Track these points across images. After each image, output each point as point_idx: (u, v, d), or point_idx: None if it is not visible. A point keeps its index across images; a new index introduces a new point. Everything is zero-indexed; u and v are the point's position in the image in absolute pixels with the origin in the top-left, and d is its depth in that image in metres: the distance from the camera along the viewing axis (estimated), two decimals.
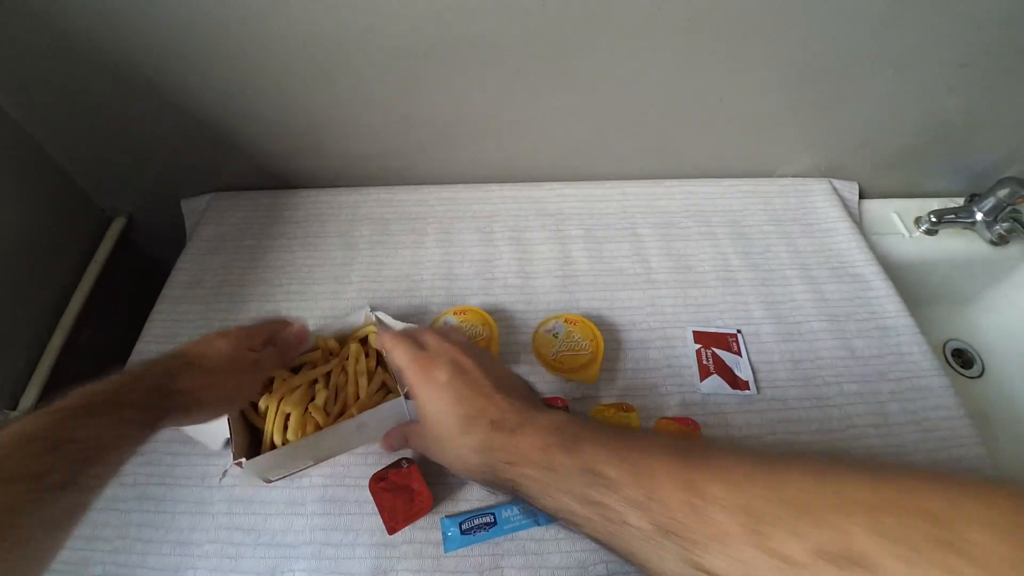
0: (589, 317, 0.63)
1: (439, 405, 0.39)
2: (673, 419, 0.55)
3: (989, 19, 0.61)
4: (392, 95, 0.67)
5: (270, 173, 0.79)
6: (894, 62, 0.65)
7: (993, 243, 0.82)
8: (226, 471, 0.48)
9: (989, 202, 0.80)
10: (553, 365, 0.58)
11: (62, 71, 0.62)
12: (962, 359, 0.89)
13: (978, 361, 0.89)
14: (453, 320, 0.62)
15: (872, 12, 0.59)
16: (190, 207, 0.81)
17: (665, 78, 0.66)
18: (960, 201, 0.86)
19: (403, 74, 0.64)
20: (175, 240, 0.79)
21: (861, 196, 0.84)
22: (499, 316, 0.64)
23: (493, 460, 0.36)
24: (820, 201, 0.80)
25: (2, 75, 0.62)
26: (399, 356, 0.43)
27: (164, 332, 0.66)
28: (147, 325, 0.67)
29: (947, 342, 0.91)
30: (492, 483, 0.36)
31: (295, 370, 0.55)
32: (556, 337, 0.61)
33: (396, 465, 0.52)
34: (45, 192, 0.72)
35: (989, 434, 0.79)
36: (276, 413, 0.50)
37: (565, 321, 0.62)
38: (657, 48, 0.62)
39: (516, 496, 0.35)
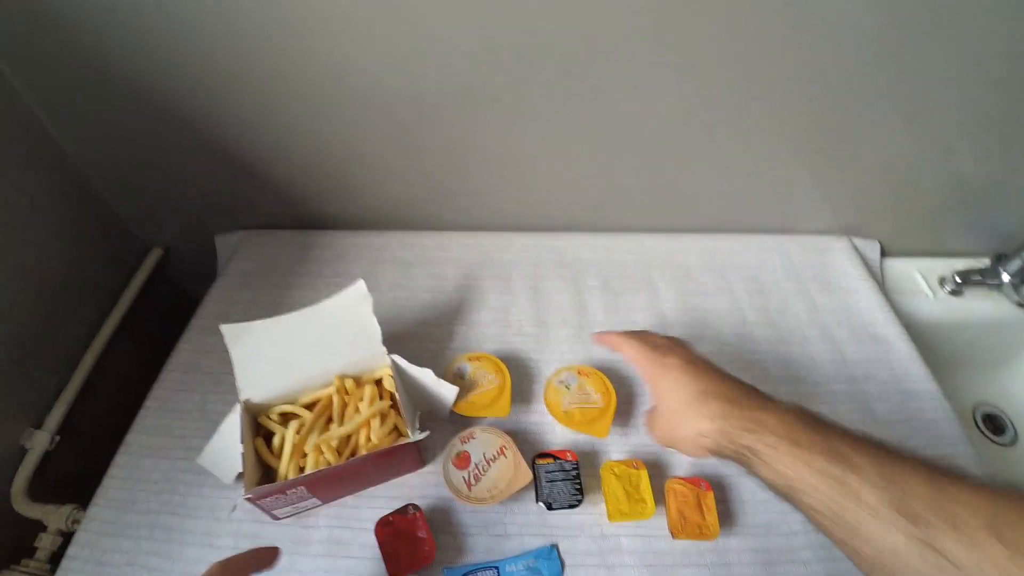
0: (602, 369, 0.63)
1: (676, 384, 0.46)
2: (685, 479, 0.55)
3: (1010, 80, 0.61)
4: (419, 147, 0.70)
5: (300, 214, 0.83)
6: (913, 124, 0.66)
7: (1021, 305, 0.80)
8: (236, 505, 0.49)
9: (1016, 263, 0.79)
10: (564, 417, 0.58)
11: (116, 113, 0.67)
12: (994, 425, 0.86)
13: (1010, 428, 0.86)
14: (468, 366, 0.63)
15: (889, 77, 0.60)
16: (223, 242, 0.85)
17: (685, 136, 0.68)
18: (986, 261, 0.85)
19: (432, 126, 0.67)
20: (207, 273, 0.83)
21: (883, 254, 0.84)
22: (513, 364, 0.65)
23: (730, 427, 0.41)
24: (840, 259, 0.79)
25: (61, 114, 0.67)
26: (631, 348, 0.50)
27: (189, 362, 0.68)
28: (173, 354, 0.69)
29: (977, 407, 0.88)
30: (721, 449, 0.42)
31: (310, 407, 0.56)
32: (568, 389, 0.61)
33: (403, 511, 0.52)
34: (89, 221, 0.77)
35: None
36: (291, 450, 0.52)
37: (578, 373, 0.63)
38: (677, 107, 0.64)
39: (742, 461, 0.40)
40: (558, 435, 0.60)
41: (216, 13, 0.55)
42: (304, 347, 0.57)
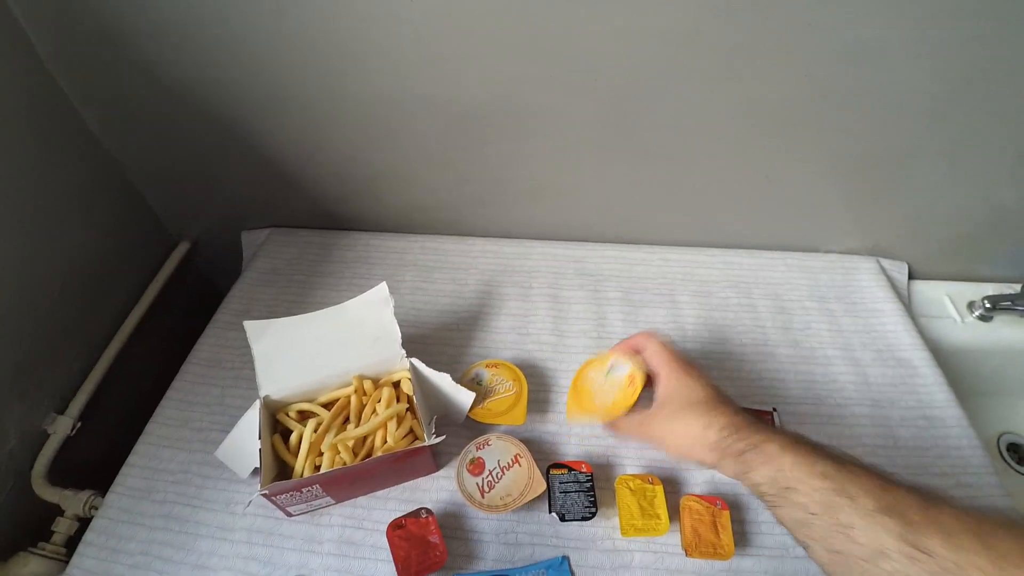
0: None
1: (696, 383, 0.47)
2: (700, 497, 0.54)
3: None
4: (449, 153, 0.71)
5: (326, 214, 0.84)
6: (946, 153, 0.65)
7: None
8: (251, 500, 0.49)
9: None
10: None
11: (157, 111, 0.68)
12: (1019, 455, 0.84)
13: None
14: (485, 373, 0.63)
15: (921, 106, 0.60)
16: (249, 239, 0.86)
17: (714, 153, 0.68)
18: (1017, 287, 0.82)
19: (462, 136, 0.68)
20: (234, 269, 0.84)
21: (911, 276, 0.82)
22: (530, 372, 0.65)
23: (742, 422, 0.44)
24: (866, 280, 0.78)
25: (104, 109, 0.69)
26: (655, 346, 0.51)
27: (211, 356, 0.69)
28: (196, 347, 0.70)
29: (1001, 435, 0.85)
30: (726, 447, 0.43)
31: (328, 406, 0.56)
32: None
33: (415, 514, 0.52)
34: (123, 213, 0.79)
35: None
36: (308, 448, 0.52)
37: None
38: (710, 127, 0.64)
39: (744, 461, 0.42)
40: (573, 446, 0.60)
41: (262, 18, 0.56)
42: (325, 346, 0.57)
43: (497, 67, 0.59)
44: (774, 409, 0.63)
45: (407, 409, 0.57)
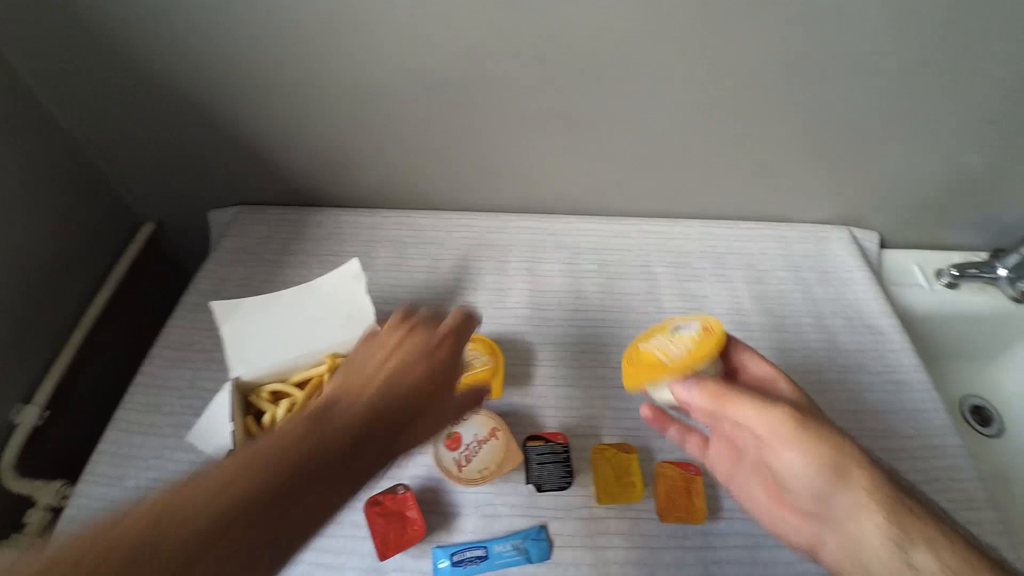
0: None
1: (811, 448, 0.30)
2: (675, 464, 0.55)
3: (1014, 78, 0.60)
4: (419, 126, 0.69)
5: (296, 190, 0.81)
6: (917, 119, 0.65)
7: (1016, 300, 0.80)
8: None
9: (1013, 259, 0.79)
10: None
11: (115, 85, 0.65)
12: (980, 417, 0.87)
13: (997, 419, 0.86)
14: None
15: (891, 74, 0.60)
16: (217, 218, 0.84)
17: (686, 124, 0.67)
18: (984, 255, 0.85)
19: (431, 107, 0.66)
20: (201, 249, 0.82)
21: (882, 245, 0.84)
22: (507, 346, 0.64)
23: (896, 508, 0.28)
24: (838, 249, 0.79)
25: (58, 84, 0.65)
26: (743, 402, 0.33)
27: (181, 339, 0.68)
28: (164, 330, 0.69)
29: (965, 399, 0.88)
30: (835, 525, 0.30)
31: (301, 386, 0.56)
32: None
33: (392, 490, 0.52)
34: (81, 194, 0.76)
35: (1007, 495, 0.76)
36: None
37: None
38: (679, 96, 0.63)
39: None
40: (550, 418, 0.60)
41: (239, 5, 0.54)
42: (296, 325, 0.56)
43: (465, 36, 0.58)
44: None
45: None
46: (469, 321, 0.45)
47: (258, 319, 0.56)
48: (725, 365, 0.38)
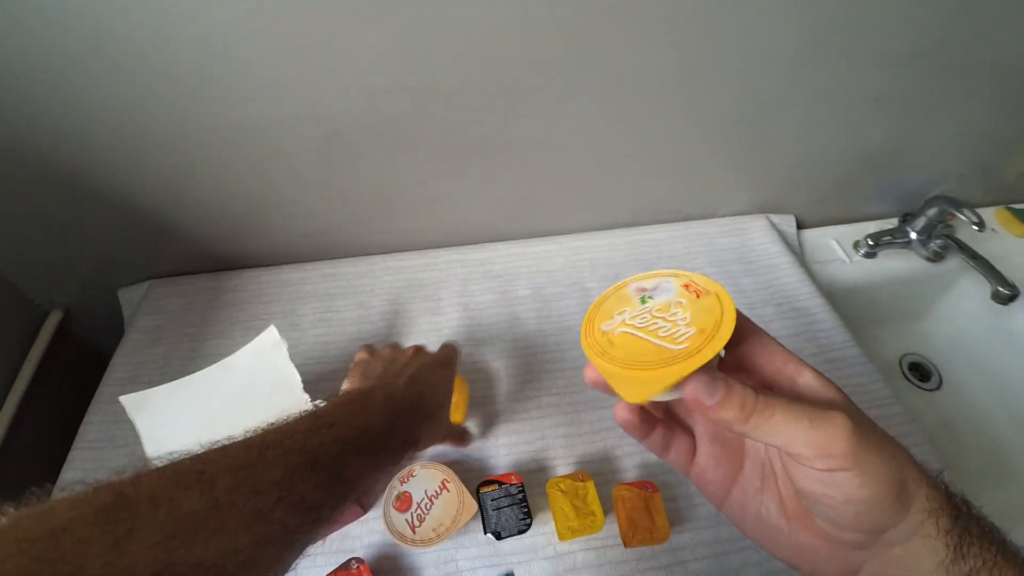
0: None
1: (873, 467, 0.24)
2: (632, 484, 0.54)
3: (897, 55, 0.64)
4: (326, 174, 0.67)
5: (210, 256, 0.77)
6: (809, 101, 0.68)
7: (930, 260, 0.85)
8: None
9: (921, 221, 0.83)
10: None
11: None
12: (920, 372, 0.91)
13: (935, 373, 0.90)
14: None
15: (780, 59, 0.62)
16: (127, 297, 0.79)
17: (593, 136, 0.68)
18: (895, 222, 0.89)
19: (334, 154, 0.64)
20: (115, 329, 0.77)
21: (799, 227, 0.86)
22: None
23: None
24: (759, 237, 0.81)
25: None
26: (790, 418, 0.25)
27: (100, 436, 0.63)
28: (81, 430, 0.63)
29: (903, 357, 0.92)
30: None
31: None
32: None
33: (346, 566, 0.49)
34: None
35: (954, 443, 0.80)
36: None
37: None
38: (581, 110, 0.64)
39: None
40: (502, 457, 0.59)
41: (90, 58, 0.50)
42: (217, 407, 0.53)
43: (356, 79, 0.56)
44: None
45: None
46: (457, 351, 0.53)
47: (174, 406, 0.52)
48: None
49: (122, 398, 0.51)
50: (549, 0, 0.52)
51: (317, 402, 0.40)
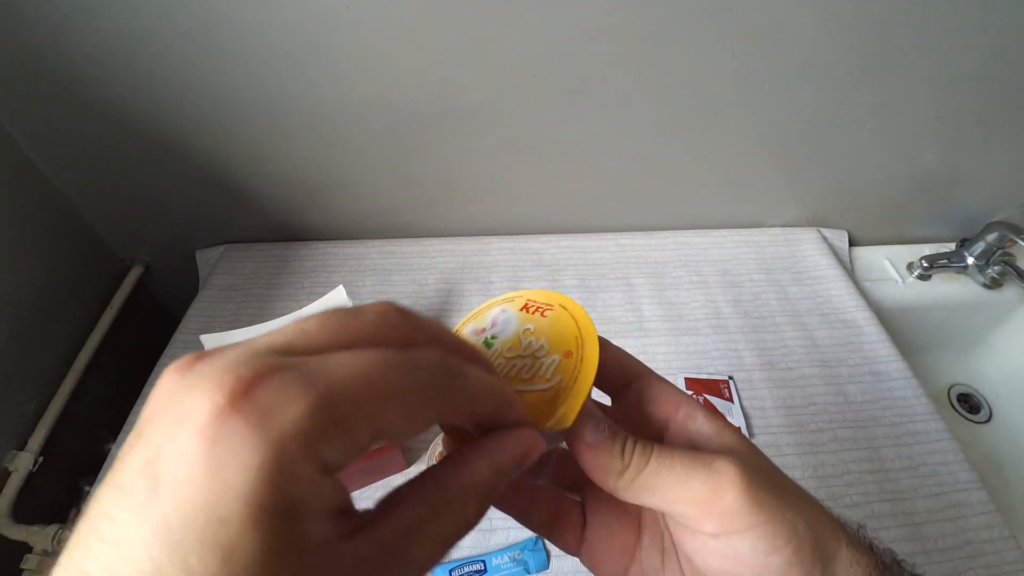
0: None
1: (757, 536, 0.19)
2: None
3: (959, 75, 0.64)
4: (395, 157, 0.72)
5: (281, 226, 0.83)
6: (864, 119, 0.69)
7: (987, 286, 0.83)
8: None
9: (979, 247, 0.82)
10: None
11: (93, 132, 0.67)
12: (968, 404, 0.88)
13: (985, 406, 0.88)
14: None
15: (837, 76, 0.63)
16: (204, 257, 0.85)
17: (647, 140, 0.70)
18: (952, 246, 0.87)
19: (405, 138, 0.69)
20: (188, 289, 0.83)
21: (852, 243, 0.86)
22: None
23: None
24: (809, 249, 0.82)
25: (36, 132, 0.68)
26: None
27: None
28: (156, 370, 0.70)
29: (952, 387, 0.90)
30: None
31: None
32: None
33: None
34: (68, 241, 0.77)
35: (1000, 479, 0.77)
36: None
37: None
38: (640, 114, 0.67)
39: None
40: None
41: (196, 33, 0.56)
42: None
43: (438, 68, 0.61)
44: (730, 377, 0.66)
45: None
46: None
47: None
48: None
49: (203, 336, 0.56)
50: (618, 7, 0.55)
51: None
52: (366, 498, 0.56)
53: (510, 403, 0.19)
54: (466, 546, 0.53)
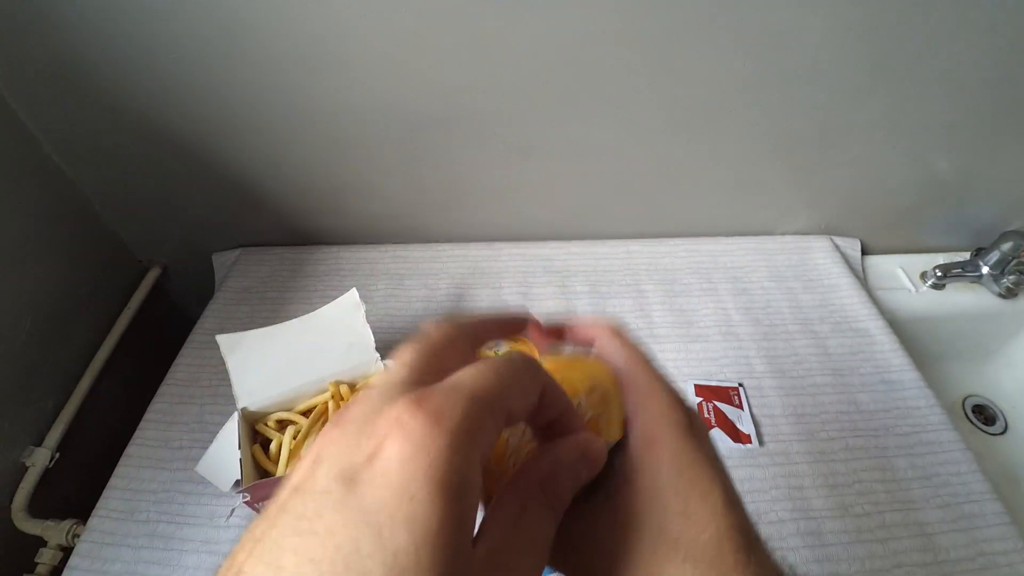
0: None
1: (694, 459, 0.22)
2: None
3: (970, 82, 0.64)
4: (407, 162, 0.73)
5: (295, 230, 0.85)
6: (876, 125, 0.69)
7: (1002, 296, 0.82)
8: (234, 509, 0.50)
9: (994, 256, 0.81)
10: None
11: (115, 136, 0.69)
12: (984, 416, 0.87)
13: (1000, 418, 0.87)
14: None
15: (847, 81, 0.63)
16: (220, 260, 0.87)
17: (656, 145, 0.71)
18: (966, 255, 0.87)
19: (417, 144, 0.70)
20: (204, 291, 0.85)
21: (864, 252, 0.86)
22: None
23: None
24: (821, 257, 0.81)
25: (61, 136, 0.69)
26: (620, 346, 0.26)
27: (187, 376, 0.70)
28: (172, 368, 0.71)
29: (966, 398, 0.89)
30: None
31: (306, 414, 0.57)
32: None
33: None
34: (87, 242, 0.79)
35: (1015, 492, 0.76)
36: (288, 453, 0.53)
37: None
38: (650, 119, 0.67)
39: None
40: None
41: (216, 40, 0.58)
42: (299, 355, 0.59)
43: (449, 75, 0.62)
44: (740, 384, 0.66)
45: None
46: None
47: (262, 350, 0.58)
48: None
49: (219, 337, 0.57)
50: (625, 9, 0.56)
51: None
52: None
53: (572, 408, 0.22)
54: None
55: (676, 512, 0.21)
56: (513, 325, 0.27)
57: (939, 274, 0.83)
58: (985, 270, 0.82)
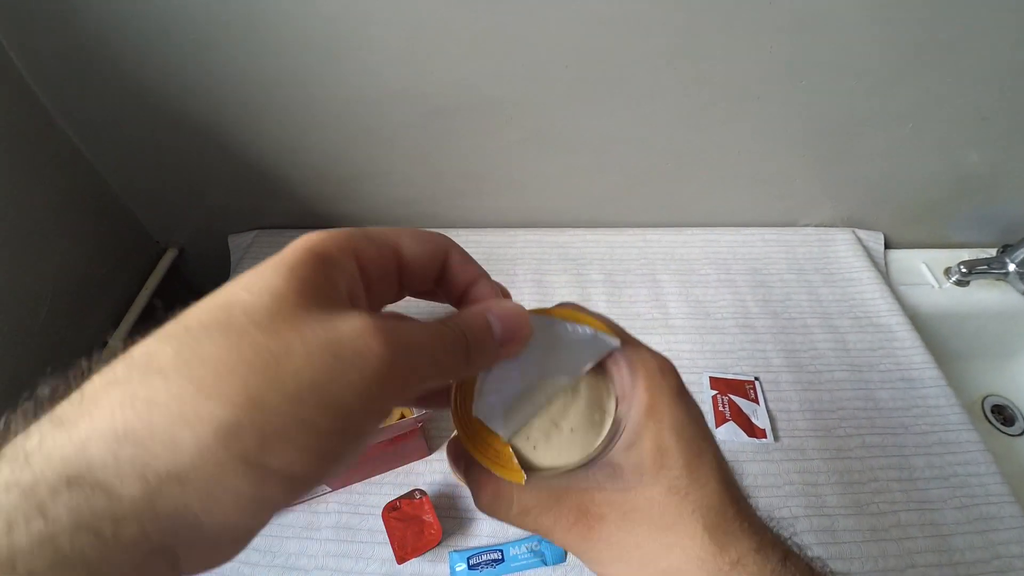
0: None
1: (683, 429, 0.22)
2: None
3: (1007, 72, 0.62)
4: (423, 149, 0.72)
5: (310, 214, 0.85)
6: (905, 116, 0.67)
7: None
8: None
9: (1021, 253, 0.78)
10: None
11: (135, 121, 0.69)
12: (1003, 416, 0.86)
13: (1020, 418, 0.85)
14: None
15: (878, 75, 0.62)
16: (236, 243, 0.87)
17: (680, 134, 0.69)
18: (992, 252, 0.84)
19: (433, 130, 0.69)
20: (220, 273, 0.85)
21: (887, 246, 0.84)
22: None
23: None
24: (843, 251, 0.80)
25: (83, 120, 0.70)
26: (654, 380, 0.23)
27: None
28: None
29: (986, 398, 0.87)
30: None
31: None
32: None
33: (409, 495, 0.53)
34: (106, 223, 0.80)
35: None
36: None
37: None
38: (670, 107, 0.66)
39: None
40: None
41: (234, 26, 0.58)
42: None
43: (465, 61, 0.61)
44: (756, 378, 0.65)
45: None
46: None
47: None
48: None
49: None
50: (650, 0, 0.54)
51: None
52: (388, 482, 0.57)
53: (485, 280, 0.25)
54: (484, 535, 0.53)
55: (682, 469, 0.22)
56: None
57: (964, 270, 0.81)
58: (1012, 267, 0.80)
